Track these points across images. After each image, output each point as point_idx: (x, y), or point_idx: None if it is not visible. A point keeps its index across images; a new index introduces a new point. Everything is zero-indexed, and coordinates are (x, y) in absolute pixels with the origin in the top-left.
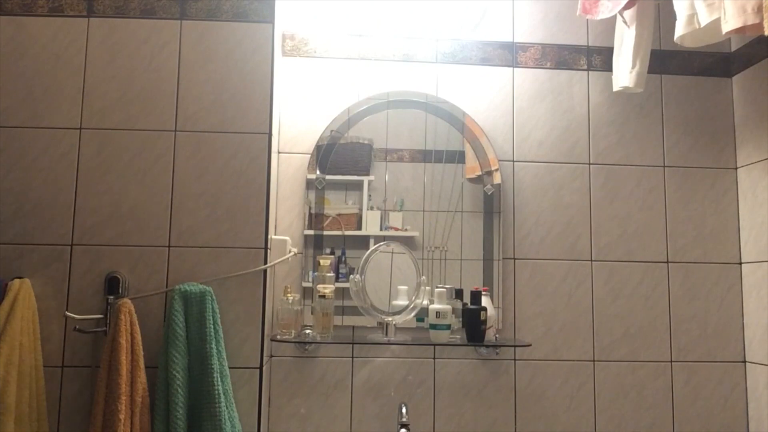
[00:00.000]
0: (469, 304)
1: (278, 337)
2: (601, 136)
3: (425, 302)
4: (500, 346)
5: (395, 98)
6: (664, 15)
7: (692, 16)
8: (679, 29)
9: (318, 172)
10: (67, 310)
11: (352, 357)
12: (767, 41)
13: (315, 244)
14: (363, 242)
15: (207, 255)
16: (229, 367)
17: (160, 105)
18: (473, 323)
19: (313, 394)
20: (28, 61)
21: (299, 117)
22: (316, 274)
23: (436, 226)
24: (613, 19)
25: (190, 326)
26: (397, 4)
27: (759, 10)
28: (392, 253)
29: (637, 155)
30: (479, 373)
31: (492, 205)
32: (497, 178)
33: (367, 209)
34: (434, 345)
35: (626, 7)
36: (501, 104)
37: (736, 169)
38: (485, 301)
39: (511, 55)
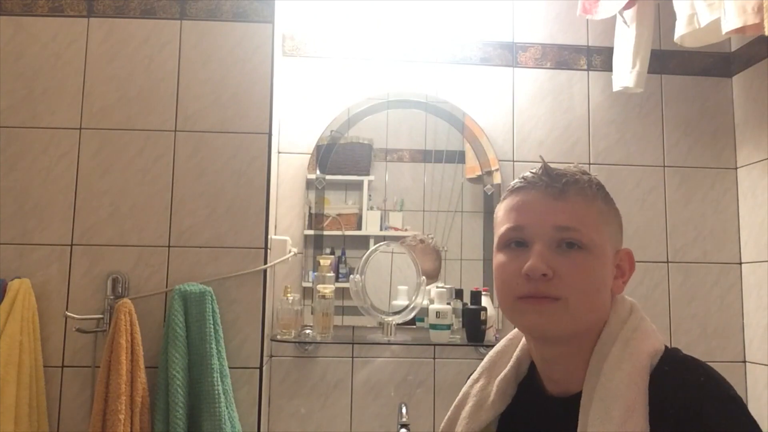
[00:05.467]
0: (469, 304)
1: (278, 337)
2: (601, 136)
3: (425, 302)
4: None
5: (395, 98)
6: (664, 15)
7: (692, 16)
8: (679, 29)
9: (318, 172)
10: (67, 310)
11: (352, 357)
12: (767, 41)
13: (315, 244)
14: (363, 242)
15: (207, 255)
16: (229, 367)
17: (160, 105)
18: (473, 323)
19: (313, 394)
20: (28, 61)
21: (299, 117)
22: (316, 274)
23: (436, 226)
24: (613, 19)
25: (190, 326)
26: (397, 4)
27: (759, 10)
28: (392, 253)
29: (637, 155)
30: None
31: (492, 205)
32: (497, 178)
33: (367, 209)
34: (434, 345)
35: (626, 7)
36: (501, 104)
37: (736, 169)
38: (485, 301)
39: (511, 55)
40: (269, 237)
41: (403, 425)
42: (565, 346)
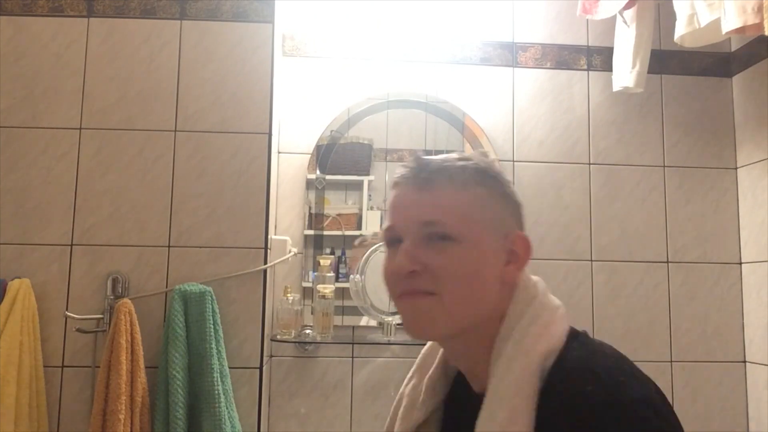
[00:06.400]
0: None
1: (278, 337)
2: (601, 136)
3: None
4: None
5: (395, 98)
6: (664, 15)
7: (692, 16)
8: (679, 29)
9: (318, 172)
10: (67, 310)
11: (352, 357)
12: (767, 41)
13: (315, 244)
14: None
15: (207, 255)
16: (229, 367)
17: (160, 105)
18: None
19: (313, 394)
20: (28, 61)
21: (299, 117)
22: (316, 274)
23: None
24: (613, 19)
25: (190, 326)
26: (397, 4)
27: (759, 10)
28: None
29: (637, 155)
30: None
31: None
32: None
33: (367, 209)
34: None
35: (626, 7)
36: (501, 104)
37: (736, 169)
38: None
39: (511, 55)
40: (269, 237)
41: None
42: (459, 344)
